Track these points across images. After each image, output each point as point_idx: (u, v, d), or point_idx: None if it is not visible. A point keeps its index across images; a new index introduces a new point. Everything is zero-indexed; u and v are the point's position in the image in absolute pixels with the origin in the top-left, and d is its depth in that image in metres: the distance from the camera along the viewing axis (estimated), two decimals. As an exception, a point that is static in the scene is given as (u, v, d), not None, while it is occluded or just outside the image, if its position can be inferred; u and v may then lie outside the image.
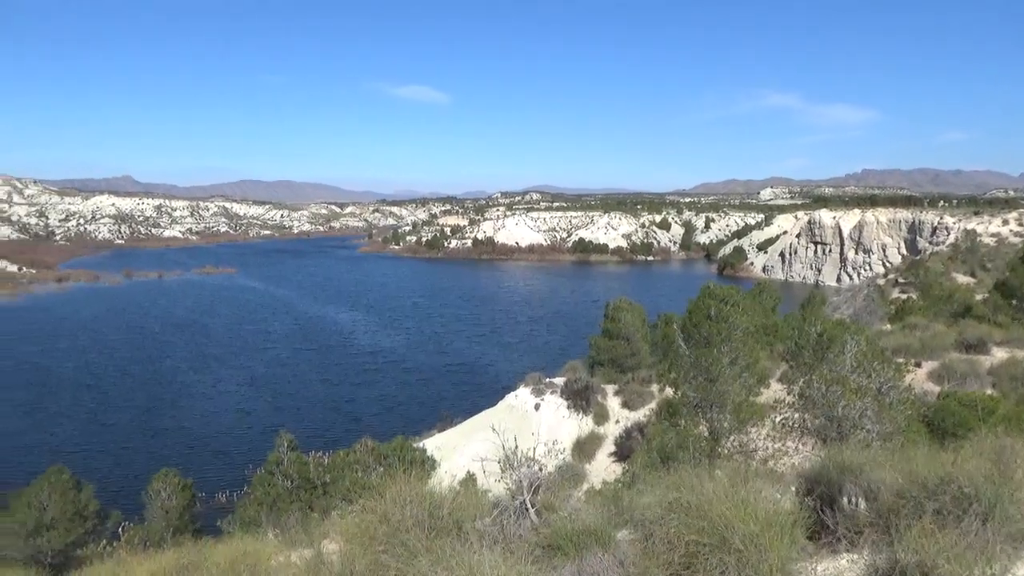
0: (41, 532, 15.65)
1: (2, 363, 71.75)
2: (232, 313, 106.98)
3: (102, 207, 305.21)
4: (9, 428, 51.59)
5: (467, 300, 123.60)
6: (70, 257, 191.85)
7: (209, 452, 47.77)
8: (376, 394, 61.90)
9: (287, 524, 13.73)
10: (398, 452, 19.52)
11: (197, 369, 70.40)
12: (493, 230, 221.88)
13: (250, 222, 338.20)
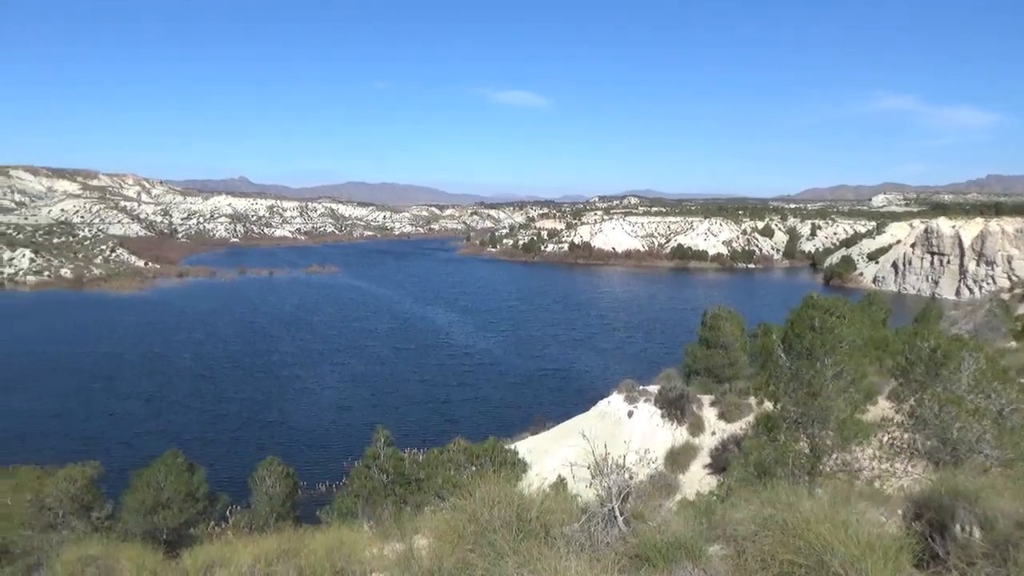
0: (158, 510, 16.78)
1: (130, 353, 77.36)
2: (335, 311, 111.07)
3: (220, 207, 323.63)
4: (135, 414, 55.55)
5: (563, 305, 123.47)
6: (190, 254, 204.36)
7: (311, 444, 49.75)
8: (471, 395, 62.75)
9: (381, 517, 14.10)
10: (490, 453, 19.73)
11: (302, 364, 73.45)
12: (590, 234, 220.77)
13: (354, 223, 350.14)
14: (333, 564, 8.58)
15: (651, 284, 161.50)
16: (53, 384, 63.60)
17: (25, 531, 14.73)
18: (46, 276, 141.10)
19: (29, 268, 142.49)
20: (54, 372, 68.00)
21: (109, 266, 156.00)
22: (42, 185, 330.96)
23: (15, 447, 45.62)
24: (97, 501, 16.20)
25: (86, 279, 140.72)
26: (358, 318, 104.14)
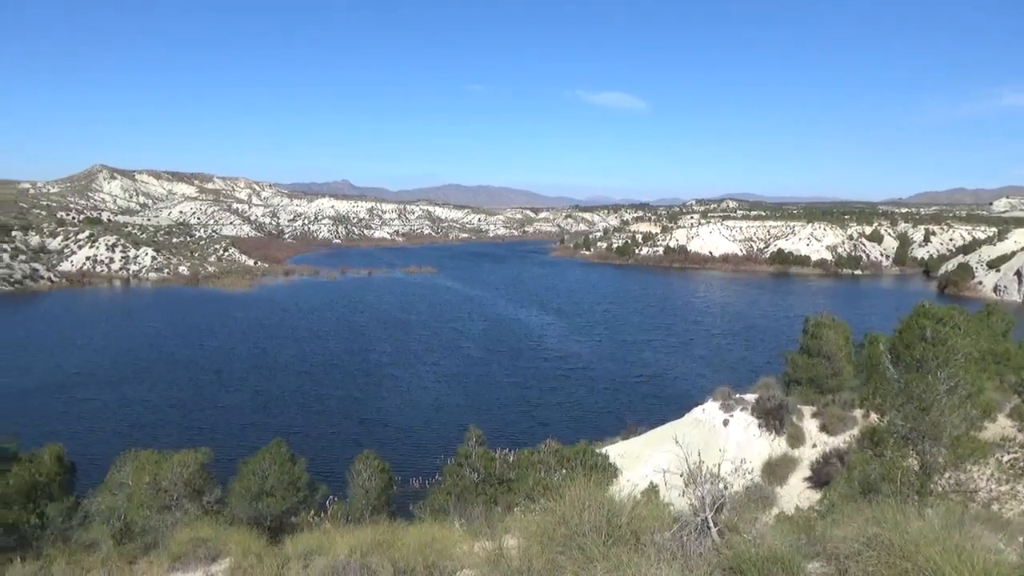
0: (262, 497, 17.64)
1: (238, 348, 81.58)
2: (431, 311, 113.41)
3: (323, 209, 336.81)
4: (241, 406, 58.52)
5: (658, 309, 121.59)
6: (295, 253, 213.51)
7: (405, 441, 50.98)
8: (563, 399, 62.69)
9: (472, 515, 14.29)
10: (581, 456, 19.67)
11: (398, 363, 75.38)
12: (686, 238, 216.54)
13: (450, 225, 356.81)
14: (425, 558, 8.79)
15: (750, 290, 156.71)
16: (168, 375, 67.84)
17: (144, 511, 15.81)
18: (166, 273, 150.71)
19: (151, 265, 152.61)
20: (170, 364, 72.52)
21: (222, 264, 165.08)
22: (163, 188, 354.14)
23: (135, 433, 48.98)
24: (208, 486, 17.21)
25: (201, 276, 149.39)
26: (453, 319, 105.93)
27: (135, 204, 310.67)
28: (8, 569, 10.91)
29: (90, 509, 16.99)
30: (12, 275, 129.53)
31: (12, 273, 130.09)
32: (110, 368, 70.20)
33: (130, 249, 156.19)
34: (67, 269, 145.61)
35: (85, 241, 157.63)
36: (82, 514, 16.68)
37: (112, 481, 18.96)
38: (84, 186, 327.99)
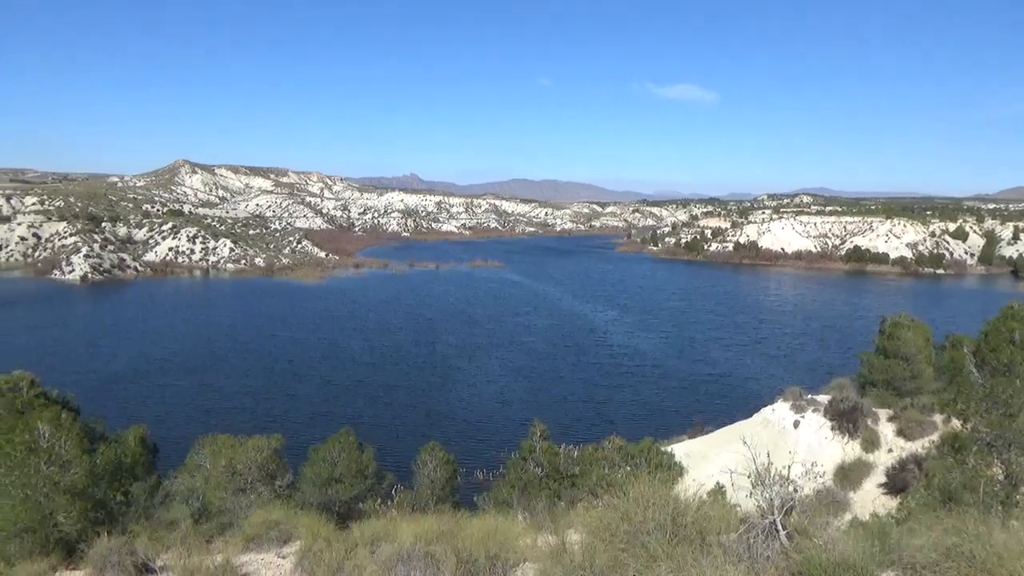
0: (331, 484, 18.12)
1: (310, 338, 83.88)
2: (496, 305, 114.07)
3: (392, 203, 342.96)
4: (312, 396, 60.15)
5: (727, 307, 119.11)
6: (365, 246, 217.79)
7: (470, 433, 51.53)
8: (628, 397, 62.21)
9: (535, 509, 14.35)
10: (645, 453, 19.49)
11: (464, 356, 76.14)
12: (757, 234, 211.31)
13: (517, 219, 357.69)
14: (488, 549, 8.88)
15: (824, 288, 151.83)
16: (243, 364, 70.34)
17: (220, 493, 16.45)
18: (242, 264, 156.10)
19: (229, 256, 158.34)
20: (244, 353, 75.16)
21: (295, 256, 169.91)
22: (241, 182, 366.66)
23: (210, 418, 50.96)
24: (280, 471, 17.75)
25: (276, 268, 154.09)
26: (518, 313, 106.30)
27: (214, 197, 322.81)
28: (97, 542, 11.53)
29: (170, 489, 17.76)
30: (102, 264, 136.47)
31: (102, 262, 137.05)
32: (189, 356, 73.24)
33: (210, 240, 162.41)
34: (151, 259, 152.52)
35: (168, 232, 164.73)
36: (163, 493, 17.45)
37: (191, 463, 19.79)
38: (168, 180, 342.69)
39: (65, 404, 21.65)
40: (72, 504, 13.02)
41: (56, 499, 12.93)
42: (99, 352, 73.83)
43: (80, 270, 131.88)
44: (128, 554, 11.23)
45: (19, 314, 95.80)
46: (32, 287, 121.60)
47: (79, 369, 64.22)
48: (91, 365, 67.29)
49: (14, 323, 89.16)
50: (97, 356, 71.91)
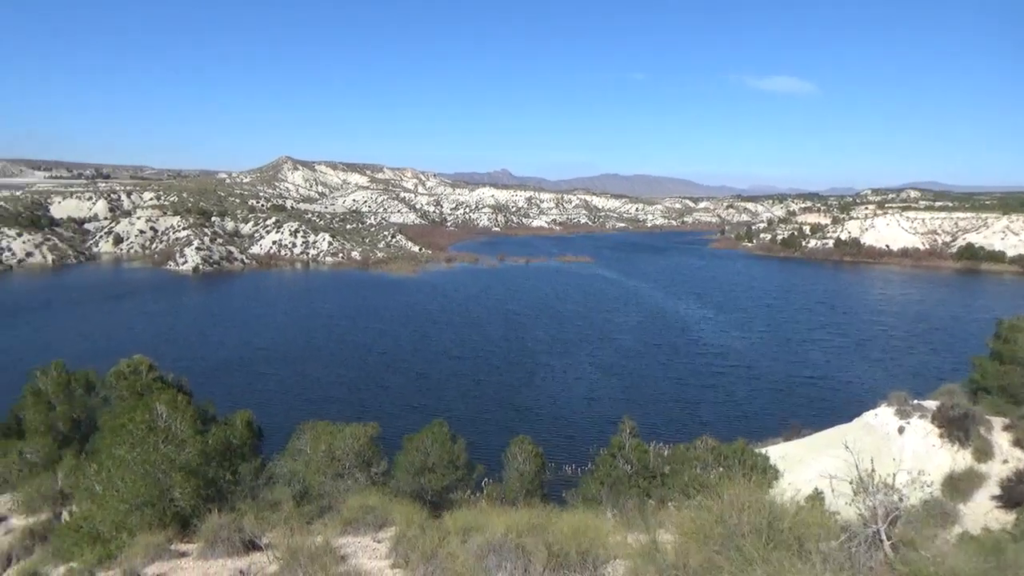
0: (424, 473, 18.65)
1: (403, 331, 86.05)
2: (586, 301, 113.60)
3: (483, 198, 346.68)
4: (404, 387, 61.68)
5: (827, 306, 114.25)
6: (456, 241, 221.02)
7: (558, 429, 51.62)
8: (721, 397, 60.80)
9: (625, 506, 14.30)
10: (738, 455, 19.04)
11: (552, 352, 76.25)
12: (859, 230, 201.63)
13: (607, 214, 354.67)
14: (579, 544, 8.93)
15: (933, 287, 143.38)
16: (339, 355, 72.85)
17: (320, 477, 17.18)
18: (340, 257, 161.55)
19: (327, 250, 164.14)
20: (340, 344, 77.82)
21: (390, 250, 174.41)
22: (339, 178, 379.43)
23: (309, 406, 53.03)
24: (375, 458, 18.36)
25: (371, 261, 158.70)
26: (608, 309, 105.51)
27: (314, 193, 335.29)
28: (208, 518, 12.27)
29: (274, 471, 18.65)
30: (211, 256, 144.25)
31: (211, 255, 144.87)
32: (288, 345, 76.46)
33: (310, 235, 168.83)
34: (256, 252, 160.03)
35: (272, 227, 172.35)
36: (267, 475, 18.35)
37: (292, 448, 20.75)
38: (271, 176, 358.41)
39: (180, 387, 23.11)
40: (186, 481, 13.87)
41: (172, 476, 13.80)
42: (207, 340, 78.14)
43: (192, 262, 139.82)
44: (236, 531, 11.90)
45: (138, 302, 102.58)
46: (149, 277, 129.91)
47: (190, 355, 68.13)
48: (200, 352, 71.28)
49: (134, 311, 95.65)
50: (206, 344, 76.14)
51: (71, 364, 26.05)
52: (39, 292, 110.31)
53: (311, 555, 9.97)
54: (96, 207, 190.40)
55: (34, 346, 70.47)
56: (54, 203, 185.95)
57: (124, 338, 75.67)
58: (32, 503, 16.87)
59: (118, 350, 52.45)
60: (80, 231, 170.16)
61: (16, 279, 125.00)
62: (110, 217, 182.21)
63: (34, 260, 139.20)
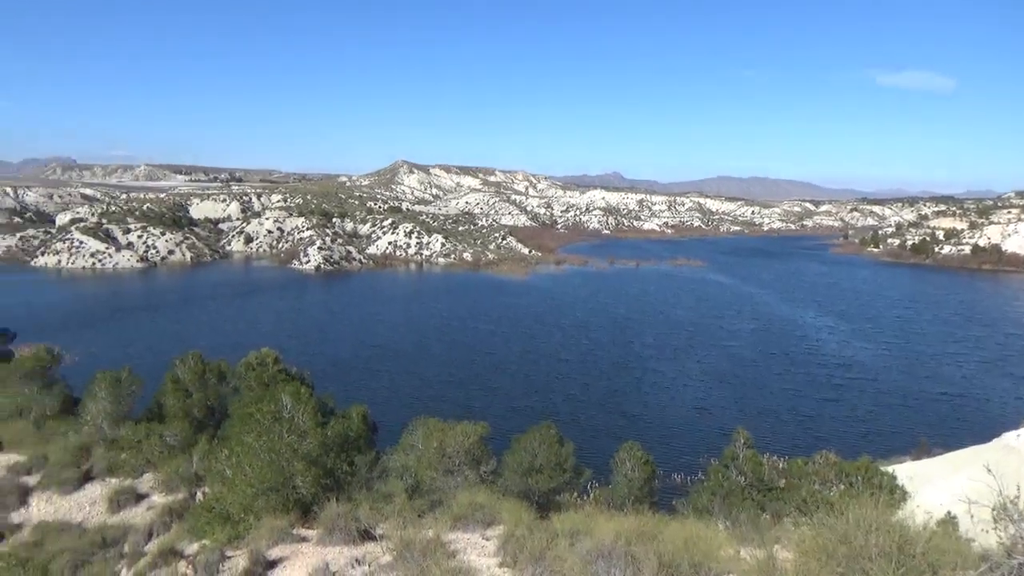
0: (531, 474, 18.76)
1: (511, 332, 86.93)
2: (696, 306, 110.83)
3: (594, 201, 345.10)
4: (510, 389, 62.22)
5: (963, 318, 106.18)
6: (566, 243, 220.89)
7: (665, 436, 50.65)
8: (842, 411, 57.82)
9: (738, 519, 13.85)
10: (862, 472, 18.02)
11: (661, 358, 74.87)
12: (1001, 236, 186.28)
13: (721, 218, 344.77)
14: (691, 556, 8.73)
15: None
16: (448, 354, 74.38)
17: (431, 472, 17.63)
18: (452, 258, 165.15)
19: (440, 251, 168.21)
20: (449, 344, 79.49)
21: (500, 252, 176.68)
22: (452, 181, 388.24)
23: (418, 404, 54.38)
24: (485, 456, 18.65)
25: (482, 262, 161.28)
26: (720, 315, 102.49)
27: (428, 195, 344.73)
28: (327, 506, 12.85)
29: (387, 464, 19.31)
30: (332, 256, 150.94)
31: (332, 254, 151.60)
32: (400, 344, 78.80)
33: (424, 236, 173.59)
34: (373, 252, 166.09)
35: (388, 228, 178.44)
36: (380, 468, 19.01)
37: (405, 443, 21.40)
38: (388, 179, 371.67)
39: (302, 380, 24.31)
40: (307, 470, 14.58)
41: (295, 464, 14.55)
42: (325, 336, 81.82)
43: (314, 261, 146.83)
44: (353, 520, 12.40)
45: (265, 299, 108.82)
46: (276, 275, 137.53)
47: (310, 350, 71.50)
48: (318, 348, 74.69)
49: (261, 306, 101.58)
50: (324, 339, 79.77)
51: (205, 355, 27.92)
52: (178, 288, 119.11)
53: (423, 548, 10.24)
54: (229, 208, 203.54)
55: (173, 337, 76.14)
56: (193, 204, 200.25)
57: (252, 332, 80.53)
58: (171, 483, 18.21)
59: (246, 343, 55.82)
60: (215, 231, 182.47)
61: (159, 275, 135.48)
62: (241, 218, 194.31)
63: (175, 258, 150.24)
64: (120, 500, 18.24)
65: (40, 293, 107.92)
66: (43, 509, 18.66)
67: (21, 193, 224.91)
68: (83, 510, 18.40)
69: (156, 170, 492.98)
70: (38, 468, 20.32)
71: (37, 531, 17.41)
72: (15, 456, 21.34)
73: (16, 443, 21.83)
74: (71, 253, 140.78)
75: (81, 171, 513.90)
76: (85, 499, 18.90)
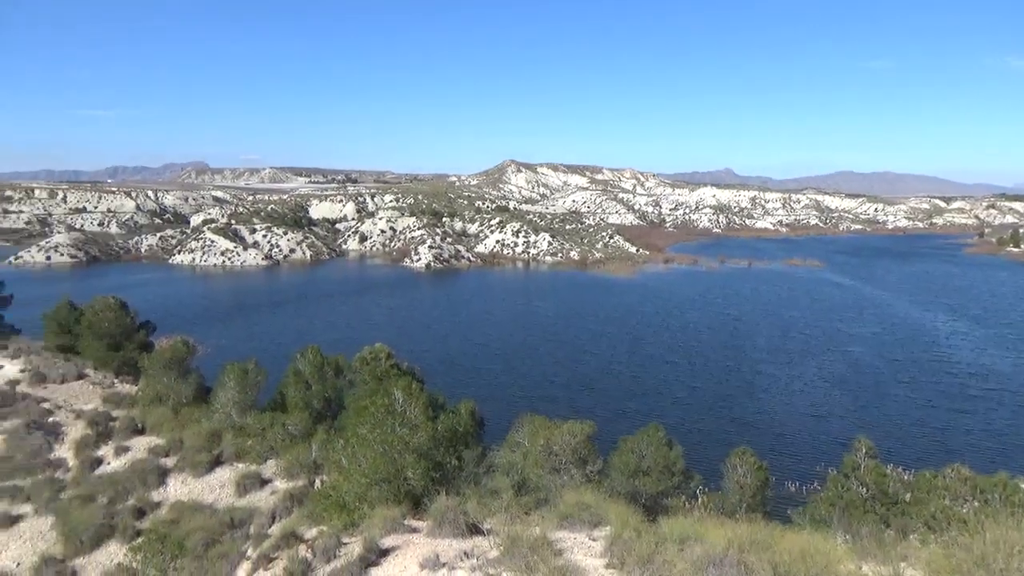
0: (638, 476, 18.51)
1: (616, 332, 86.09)
2: (813, 308, 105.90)
3: (704, 198, 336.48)
4: (616, 390, 61.57)
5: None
6: (674, 242, 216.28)
7: (778, 443, 48.71)
8: (977, 423, 53.76)
9: (859, 532, 13.16)
10: (1000, 489, 16.67)
11: (773, 361, 72.03)
12: None
13: (840, 215, 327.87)
14: (807, 569, 8.36)
15: None
16: (553, 354, 74.37)
17: (537, 470, 17.72)
18: (559, 257, 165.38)
19: (547, 250, 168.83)
20: (554, 343, 79.44)
21: (607, 251, 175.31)
22: (559, 180, 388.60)
23: (523, 402, 54.76)
24: (592, 456, 18.55)
25: (589, 261, 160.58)
26: (839, 318, 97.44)
27: (536, 194, 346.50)
28: (437, 499, 13.17)
29: (494, 460, 19.57)
30: (442, 254, 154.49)
31: (442, 253, 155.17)
32: (505, 342, 79.51)
33: (531, 235, 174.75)
34: (481, 250, 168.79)
35: (496, 227, 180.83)
36: (487, 464, 19.29)
37: (511, 440, 21.60)
38: (496, 178, 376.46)
39: (413, 375, 25.02)
40: (418, 463, 14.99)
41: (406, 456, 14.98)
42: (433, 333, 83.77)
43: (425, 259, 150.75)
44: (461, 514, 12.65)
45: (377, 296, 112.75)
46: (388, 272, 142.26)
47: (420, 347, 73.35)
48: (426, 344, 76.47)
49: (374, 303, 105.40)
50: (431, 336, 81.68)
51: (322, 349, 29.22)
52: (298, 285, 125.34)
53: (530, 545, 10.32)
54: (346, 209, 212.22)
55: (293, 331, 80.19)
56: (312, 205, 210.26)
57: (365, 328, 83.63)
58: (292, 469, 19.18)
59: (360, 338, 58.06)
60: (332, 230, 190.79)
61: (281, 273, 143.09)
62: (356, 218, 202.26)
63: (296, 256, 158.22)
64: (246, 484, 19.39)
65: (176, 288, 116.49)
66: (179, 489, 20.11)
67: (161, 196, 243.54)
68: (213, 492, 19.70)
69: (279, 173, 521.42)
70: (175, 451, 21.93)
71: (174, 509, 18.79)
72: (156, 439, 23.13)
73: (156, 427, 23.65)
74: (203, 251, 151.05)
75: (213, 175, 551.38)
76: (215, 481, 20.23)
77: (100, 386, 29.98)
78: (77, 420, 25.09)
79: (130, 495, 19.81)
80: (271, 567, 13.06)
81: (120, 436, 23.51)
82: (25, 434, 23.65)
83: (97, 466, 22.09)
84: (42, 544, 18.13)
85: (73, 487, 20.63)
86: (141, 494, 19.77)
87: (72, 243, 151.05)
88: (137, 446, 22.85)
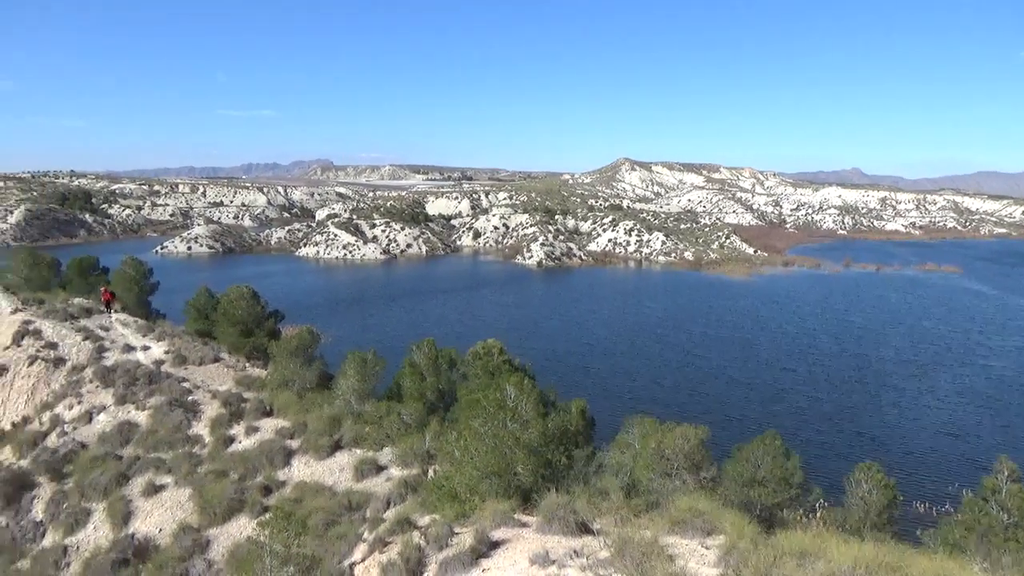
0: (752, 485, 17.88)
1: (729, 336, 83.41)
2: (949, 318, 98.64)
3: (829, 198, 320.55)
4: (727, 396, 59.60)
5: None
6: (796, 244, 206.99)
7: (907, 459, 45.86)
8: None
9: (1000, 562, 12.20)
10: None
11: (902, 373, 67.70)
12: None
13: (982, 218, 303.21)
14: (943, 596, 7.84)
15: None
16: (662, 356, 72.90)
17: (648, 473, 17.48)
18: (672, 257, 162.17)
19: (660, 249, 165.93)
20: (664, 345, 77.84)
21: (723, 251, 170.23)
22: (675, 178, 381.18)
23: (630, 404, 54.14)
24: (705, 462, 18.10)
25: (703, 262, 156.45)
26: (979, 329, 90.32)
27: (650, 193, 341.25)
28: (547, 496, 13.26)
29: (603, 461, 19.45)
30: (553, 252, 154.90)
31: (553, 250, 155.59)
32: (614, 342, 78.60)
33: (644, 233, 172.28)
34: (593, 249, 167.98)
35: (608, 225, 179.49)
36: (596, 463, 19.19)
37: (621, 440, 21.43)
38: (610, 177, 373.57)
39: (525, 371, 25.26)
40: (528, 459, 15.13)
41: (516, 452, 15.15)
42: (542, 329, 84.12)
43: (536, 256, 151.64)
44: (571, 512, 12.67)
45: (489, 292, 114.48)
46: (501, 269, 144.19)
47: (527, 343, 73.80)
48: (536, 341, 76.83)
49: (487, 299, 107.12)
50: (541, 333, 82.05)
51: (436, 342, 30.01)
52: (414, 279, 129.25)
53: (642, 548, 10.20)
54: (460, 206, 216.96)
55: (408, 324, 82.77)
56: (428, 202, 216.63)
57: (477, 323, 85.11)
58: (406, 458, 19.81)
59: (472, 333, 59.18)
60: (447, 226, 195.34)
61: (398, 267, 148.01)
62: (471, 214, 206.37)
63: (412, 251, 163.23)
64: (364, 469, 20.18)
65: (300, 280, 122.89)
66: (302, 471, 21.20)
67: (289, 192, 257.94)
68: (333, 475, 20.63)
69: (398, 170, 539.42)
70: (299, 434, 23.12)
71: (297, 489, 19.83)
72: (282, 421, 24.48)
73: (283, 410, 25.03)
74: (327, 245, 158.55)
75: (336, 171, 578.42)
76: (335, 465, 21.18)
77: (233, 369, 32.06)
78: (213, 400, 26.93)
79: (259, 473, 21.09)
80: (386, 551, 13.54)
81: (250, 417, 25.04)
82: (168, 411, 25.62)
83: (230, 444, 23.64)
84: (181, 513, 19.62)
85: (208, 462, 22.19)
86: (268, 472, 20.99)
87: (210, 235, 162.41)
88: (265, 427, 24.26)
